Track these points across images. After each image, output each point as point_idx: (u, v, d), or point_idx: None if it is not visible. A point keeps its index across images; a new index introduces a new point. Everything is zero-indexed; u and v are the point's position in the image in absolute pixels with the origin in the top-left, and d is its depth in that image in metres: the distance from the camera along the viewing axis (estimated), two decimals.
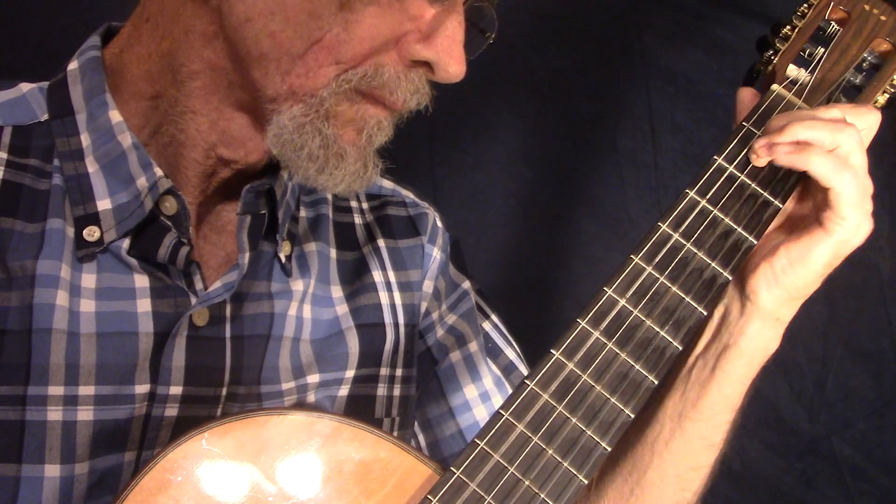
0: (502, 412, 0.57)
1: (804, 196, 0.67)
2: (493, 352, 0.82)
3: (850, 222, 0.62)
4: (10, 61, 1.21)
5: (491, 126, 1.58)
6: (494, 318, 0.84)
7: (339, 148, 0.61)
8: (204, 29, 0.61)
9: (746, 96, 0.69)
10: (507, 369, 0.81)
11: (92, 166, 0.63)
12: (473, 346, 0.81)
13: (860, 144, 0.62)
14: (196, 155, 0.65)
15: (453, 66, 0.60)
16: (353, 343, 0.72)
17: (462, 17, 0.60)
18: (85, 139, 0.64)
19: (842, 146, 0.61)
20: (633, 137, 1.68)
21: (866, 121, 0.64)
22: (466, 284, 0.83)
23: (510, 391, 0.77)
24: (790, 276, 0.63)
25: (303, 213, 0.74)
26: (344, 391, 0.71)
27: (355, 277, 0.75)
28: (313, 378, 0.69)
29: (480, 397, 0.79)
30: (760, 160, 0.63)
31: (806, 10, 0.70)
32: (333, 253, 0.75)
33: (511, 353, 0.82)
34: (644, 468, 0.69)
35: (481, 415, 0.77)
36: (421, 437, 0.79)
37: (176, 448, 0.54)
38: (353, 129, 0.62)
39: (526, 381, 0.58)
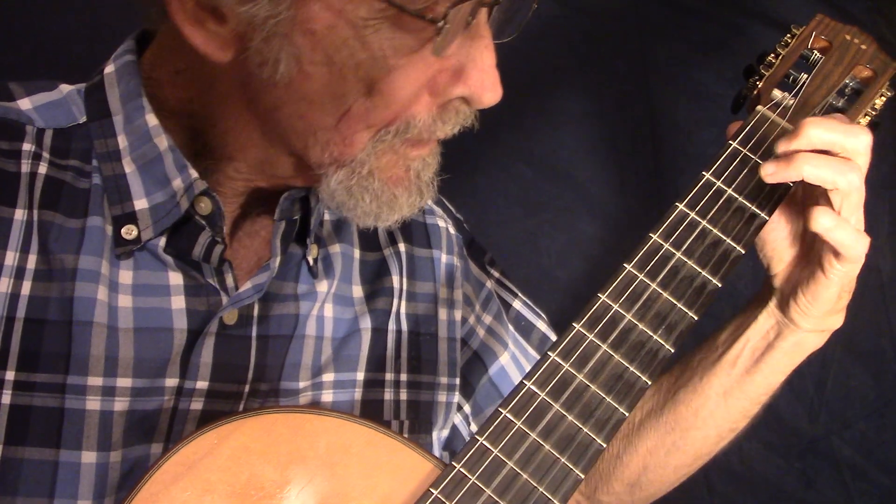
0: (501, 409, 0.59)
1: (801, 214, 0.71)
2: (526, 329, 0.86)
3: (845, 247, 0.66)
4: (10, 61, 1.22)
5: (491, 126, 1.59)
6: (521, 295, 0.88)
7: (390, 195, 0.63)
8: (238, 100, 0.63)
9: (735, 130, 0.72)
10: (542, 342, 0.86)
11: (129, 167, 0.65)
12: (512, 345, 0.84)
13: (861, 184, 0.65)
14: (236, 186, 0.67)
15: (488, 95, 0.61)
16: (364, 344, 0.74)
17: (489, 39, 0.60)
18: (122, 141, 0.66)
19: (840, 188, 0.64)
20: (633, 137, 1.68)
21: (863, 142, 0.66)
22: (490, 283, 0.85)
23: None
24: (816, 307, 0.69)
25: (327, 215, 0.76)
26: (357, 394, 0.73)
27: (375, 278, 0.77)
28: (328, 377, 0.71)
29: None
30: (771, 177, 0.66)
31: (790, 40, 0.74)
32: (357, 253, 0.77)
33: (542, 325, 0.87)
34: (687, 427, 0.77)
35: None
36: None
37: (188, 444, 0.56)
38: (401, 168, 0.63)
39: (524, 380, 0.59)
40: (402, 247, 0.80)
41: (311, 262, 0.72)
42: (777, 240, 0.72)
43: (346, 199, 0.63)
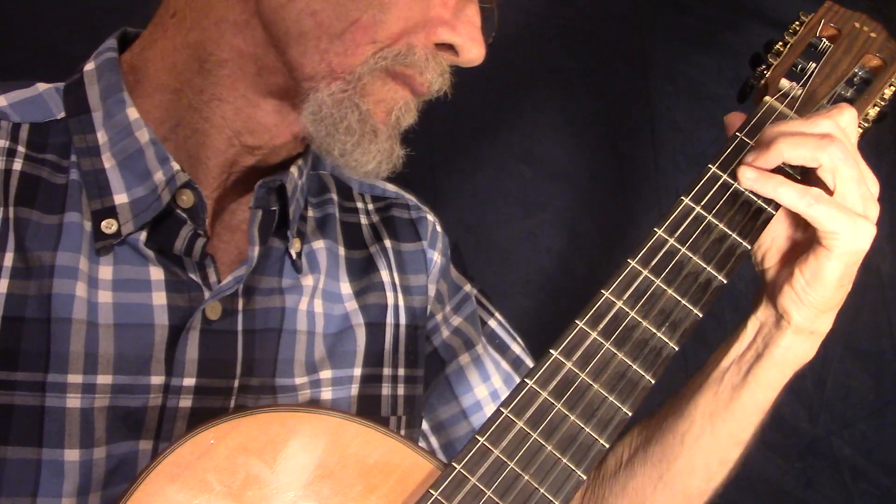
0: (502, 409, 0.58)
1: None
2: (500, 347, 0.84)
3: (844, 234, 0.63)
4: (11, 61, 1.22)
5: (491, 126, 1.59)
6: (498, 315, 0.86)
7: (373, 124, 0.64)
8: (237, 17, 0.63)
9: (734, 120, 0.70)
10: (516, 363, 0.83)
11: (108, 162, 0.65)
12: (480, 348, 0.82)
13: (845, 156, 0.63)
14: (219, 143, 0.66)
15: (476, 48, 0.63)
16: (360, 340, 0.73)
17: (478, 6, 0.64)
18: (101, 136, 0.65)
19: (823, 164, 0.62)
20: (633, 137, 1.68)
21: (845, 121, 0.65)
22: (468, 287, 0.84)
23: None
24: (812, 294, 0.66)
25: (311, 212, 0.76)
26: (354, 390, 0.72)
27: (364, 275, 0.76)
28: (325, 374, 0.71)
29: (491, 396, 0.81)
30: (744, 183, 0.64)
31: (798, 28, 0.72)
32: (342, 251, 0.76)
33: (517, 347, 0.85)
34: (674, 458, 0.72)
35: None
36: (433, 440, 0.81)
37: (184, 443, 0.55)
38: (383, 109, 0.64)
39: (525, 379, 0.59)
40: (388, 243, 0.79)
41: (293, 255, 0.71)
42: (775, 230, 0.70)
43: (334, 112, 0.63)
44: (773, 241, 0.70)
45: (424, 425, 0.81)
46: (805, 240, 0.69)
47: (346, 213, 0.79)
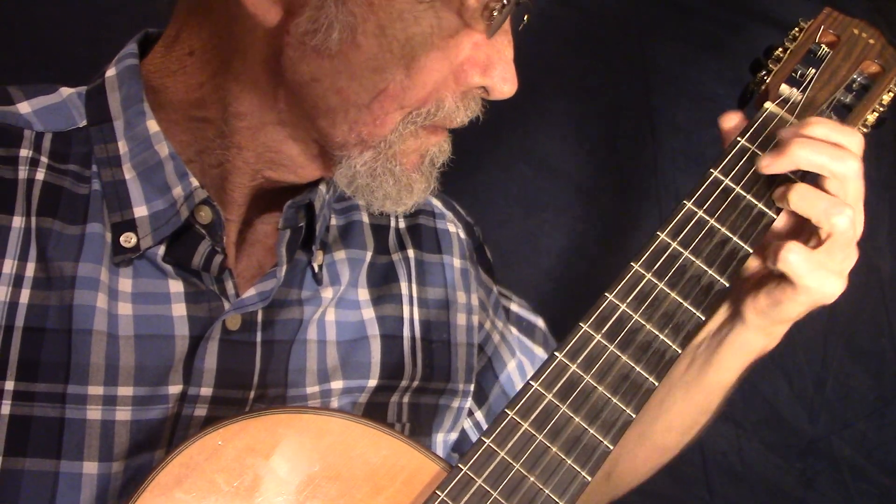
0: (507, 411, 0.58)
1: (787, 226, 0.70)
2: (528, 329, 0.86)
3: (813, 290, 0.65)
4: (11, 62, 1.22)
5: (491, 126, 1.59)
6: (515, 297, 0.88)
7: (408, 180, 0.63)
8: (262, 80, 0.62)
9: (730, 122, 0.71)
10: (546, 340, 0.87)
11: (129, 173, 0.65)
12: (519, 353, 0.85)
13: (859, 174, 0.64)
14: (243, 180, 0.66)
15: (508, 86, 0.62)
16: (375, 352, 0.73)
17: (510, 35, 0.62)
18: (122, 146, 0.65)
19: (836, 173, 0.63)
20: (633, 137, 1.68)
21: (857, 145, 0.66)
22: (495, 289, 0.85)
23: None
24: (772, 314, 0.68)
25: (334, 221, 0.76)
26: (363, 398, 0.72)
27: (383, 282, 0.76)
28: (337, 384, 0.71)
29: None
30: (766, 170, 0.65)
31: (797, 34, 0.73)
32: (368, 256, 0.76)
33: (541, 322, 0.88)
34: (654, 417, 0.78)
35: None
36: None
37: (192, 445, 0.56)
38: (416, 157, 0.64)
39: (531, 381, 0.59)
40: (410, 252, 0.79)
41: (315, 268, 0.71)
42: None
43: (369, 182, 0.62)
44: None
45: None
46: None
47: (374, 216, 0.79)
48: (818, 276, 0.63)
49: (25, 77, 0.71)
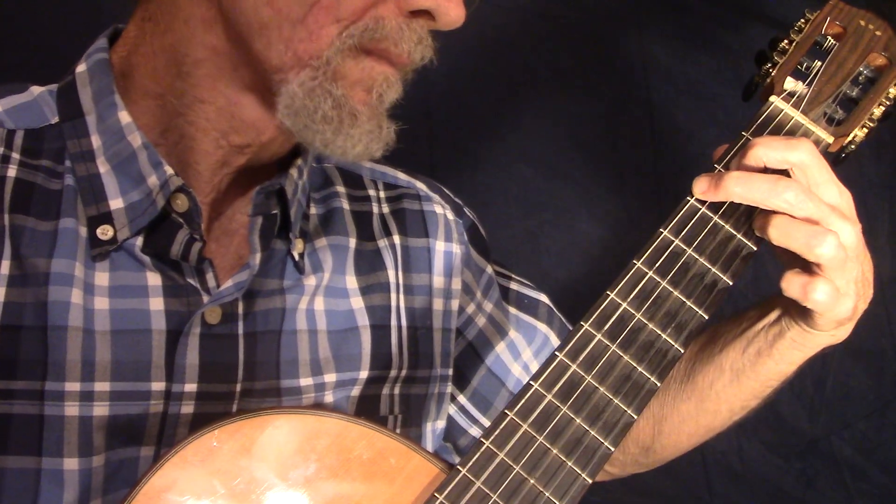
0: (507, 412, 0.58)
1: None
2: (531, 306, 0.85)
3: (826, 331, 0.67)
4: (14, 61, 1.22)
5: (491, 125, 1.59)
6: (515, 276, 0.87)
7: (351, 108, 0.61)
8: (203, 14, 0.62)
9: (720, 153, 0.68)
10: (550, 315, 0.86)
11: (103, 167, 0.64)
12: (513, 332, 0.83)
13: (804, 198, 0.61)
14: (207, 146, 0.65)
15: (453, 9, 0.60)
16: (366, 343, 0.73)
17: None
18: (95, 140, 0.64)
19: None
20: (633, 137, 1.68)
21: (799, 156, 0.62)
22: (489, 269, 0.83)
23: (559, 341, 0.83)
24: (820, 325, 0.67)
25: (314, 209, 0.75)
26: (356, 391, 0.71)
27: (371, 270, 0.75)
28: (330, 377, 0.70)
29: (524, 370, 0.83)
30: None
31: (803, 25, 0.71)
32: (352, 243, 0.75)
33: (545, 298, 0.87)
34: (702, 399, 0.77)
35: None
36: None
37: (186, 446, 0.55)
38: (362, 88, 0.62)
39: (531, 381, 0.58)
40: (396, 238, 0.78)
41: (296, 257, 0.70)
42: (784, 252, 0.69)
43: (307, 103, 0.60)
44: (786, 260, 0.67)
45: (485, 420, 0.82)
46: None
47: (356, 203, 0.78)
48: (835, 303, 0.63)
49: (25, 77, 0.70)
